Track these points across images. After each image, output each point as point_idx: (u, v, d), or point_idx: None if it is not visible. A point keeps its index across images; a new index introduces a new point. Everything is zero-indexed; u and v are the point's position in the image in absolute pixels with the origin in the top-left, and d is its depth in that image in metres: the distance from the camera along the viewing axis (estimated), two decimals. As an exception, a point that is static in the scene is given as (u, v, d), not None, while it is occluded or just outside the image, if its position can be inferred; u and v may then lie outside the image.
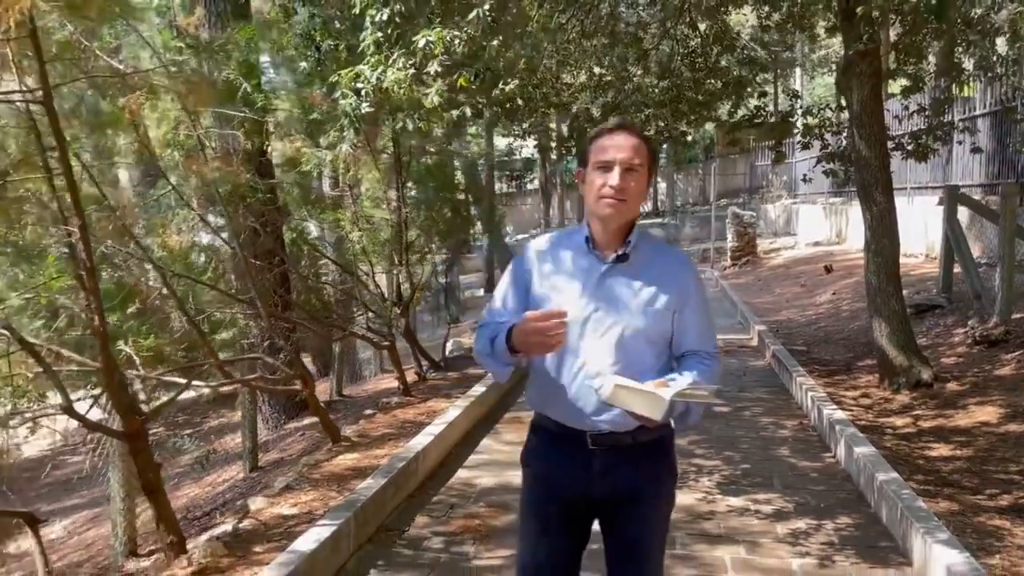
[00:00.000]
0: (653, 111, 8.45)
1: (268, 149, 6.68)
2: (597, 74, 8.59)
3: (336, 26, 5.46)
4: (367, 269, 7.36)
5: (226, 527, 3.99)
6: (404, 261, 7.31)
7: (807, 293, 12.53)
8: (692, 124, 9.37)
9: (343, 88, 4.75)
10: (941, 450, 5.07)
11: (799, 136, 8.88)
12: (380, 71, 4.53)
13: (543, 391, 2.11)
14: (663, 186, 30.89)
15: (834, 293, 11.62)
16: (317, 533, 3.55)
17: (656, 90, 8.67)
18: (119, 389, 3.56)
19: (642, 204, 2.12)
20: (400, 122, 4.42)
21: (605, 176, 1.96)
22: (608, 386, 1.86)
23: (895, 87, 9.63)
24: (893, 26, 8.48)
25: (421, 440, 5.06)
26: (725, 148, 27.82)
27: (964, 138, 10.33)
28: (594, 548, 2.21)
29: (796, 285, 13.45)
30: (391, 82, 4.43)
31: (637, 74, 8.58)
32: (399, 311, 7.34)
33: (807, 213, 19.01)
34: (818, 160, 8.71)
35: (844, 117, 8.79)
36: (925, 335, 7.86)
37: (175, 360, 5.26)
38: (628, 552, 2.11)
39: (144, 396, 4.56)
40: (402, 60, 4.44)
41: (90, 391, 5.00)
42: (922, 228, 11.61)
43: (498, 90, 4.20)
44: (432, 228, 8.07)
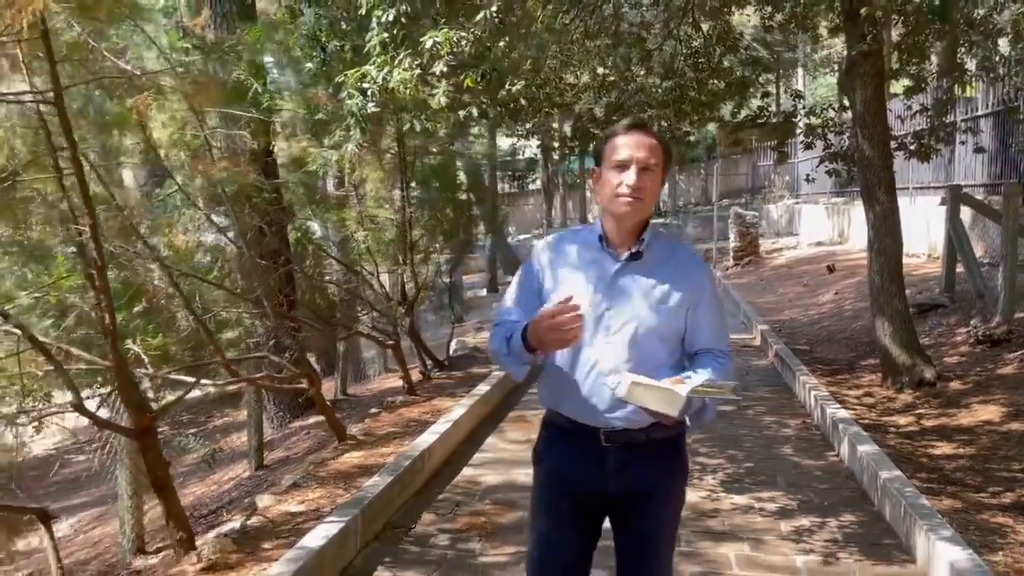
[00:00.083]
0: (656, 111, 8.47)
1: (274, 149, 6.72)
2: (600, 74, 8.61)
3: (342, 27, 5.48)
4: (371, 269, 7.39)
5: (234, 524, 4.02)
6: (409, 261, 7.34)
7: (809, 293, 12.54)
8: (695, 124, 9.39)
9: (349, 88, 4.78)
10: (944, 448, 5.09)
11: (802, 136, 8.90)
12: (386, 71, 4.56)
13: (556, 388, 2.10)
14: (665, 186, 30.86)
15: (836, 293, 11.62)
16: (325, 530, 3.57)
17: (659, 90, 8.69)
18: (129, 387, 3.59)
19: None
20: (408, 123, 4.45)
21: (621, 175, 1.97)
22: (624, 383, 1.86)
23: (897, 87, 9.64)
24: (896, 27, 8.50)
25: (427, 438, 5.09)
26: (728, 148, 27.82)
27: (967, 138, 10.35)
28: (600, 544, 2.21)
29: (799, 285, 13.46)
30: (397, 82, 4.46)
31: (640, 74, 8.60)
32: (404, 310, 7.38)
33: (809, 213, 19.01)
34: (821, 160, 8.73)
35: (846, 117, 8.83)
36: (928, 334, 7.88)
37: (181, 359, 5.30)
38: (641, 549, 2.12)
39: (152, 394, 4.59)
40: (408, 60, 4.47)
41: (97, 390, 5.04)
42: (924, 228, 11.62)
43: (504, 91, 4.23)
44: (436, 228, 8.10)
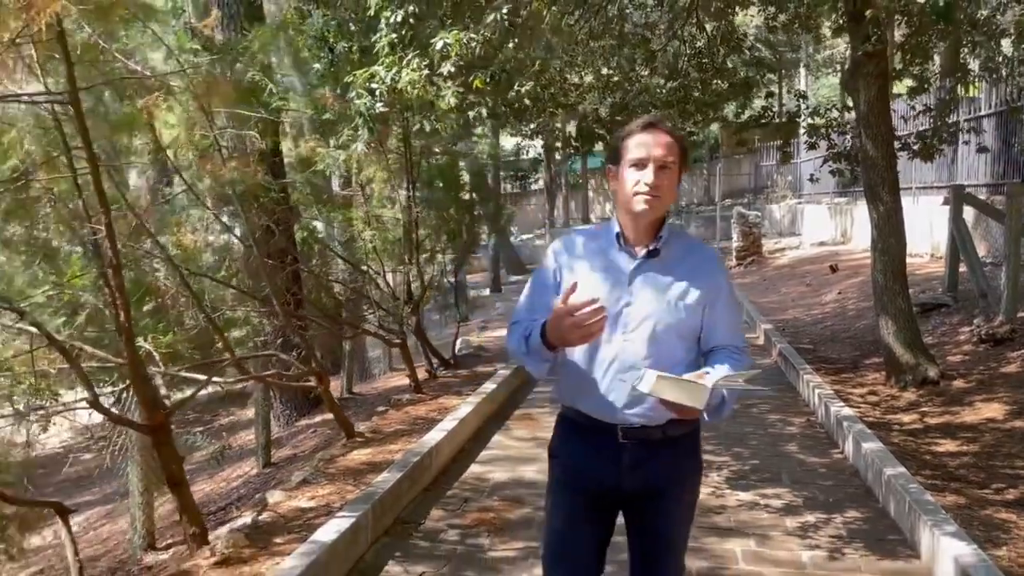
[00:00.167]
0: (660, 111, 8.52)
1: (281, 149, 6.76)
2: (605, 75, 8.66)
3: (350, 28, 5.53)
4: (377, 268, 7.44)
5: (245, 520, 4.06)
6: (415, 260, 7.39)
7: (813, 292, 12.56)
8: (699, 125, 9.44)
9: (358, 88, 4.84)
10: (948, 446, 5.12)
11: (806, 136, 8.95)
12: (395, 72, 4.62)
13: (573, 385, 2.10)
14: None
15: (840, 292, 11.65)
16: (337, 525, 3.62)
17: (663, 91, 8.75)
18: (143, 383, 3.64)
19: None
20: (418, 123, 4.50)
21: (639, 173, 1.98)
22: (650, 378, 1.86)
23: (900, 87, 9.69)
24: (899, 27, 8.54)
25: (434, 436, 5.13)
26: (731, 148, 27.86)
27: (970, 138, 10.38)
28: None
29: (802, 284, 13.49)
30: (406, 83, 4.51)
31: (644, 75, 8.65)
32: (410, 310, 7.42)
33: (812, 213, 19.04)
34: (825, 160, 8.78)
35: (849, 117, 8.88)
36: (931, 333, 7.91)
37: (191, 357, 5.34)
38: (656, 545, 2.14)
39: (164, 391, 4.64)
40: (416, 61, 4.53)
41: (110, 387, 5.09)
42: (927, 228, 11.65)
43: (514, 91, 4.28)
44: (441, 228, 8.14)
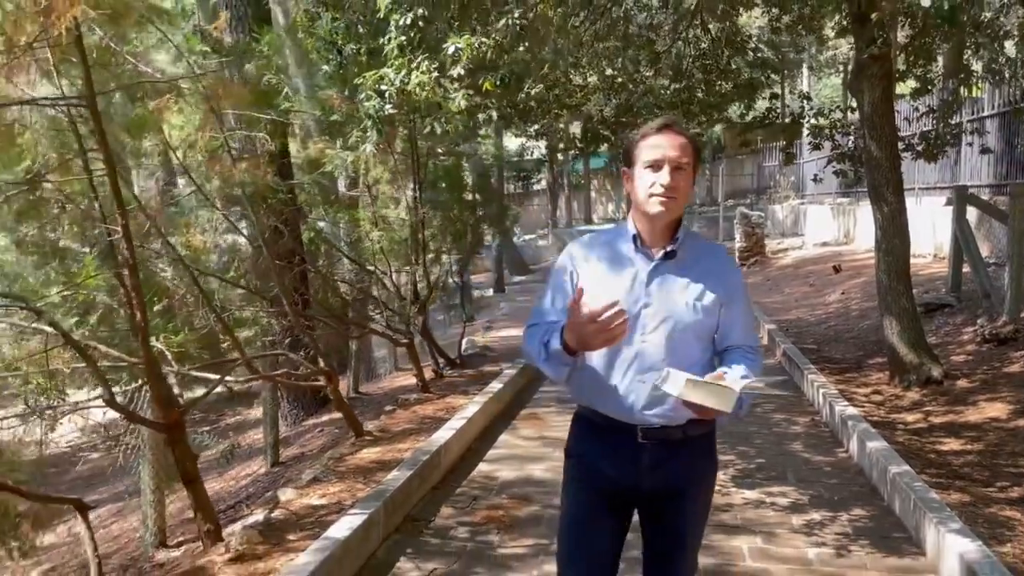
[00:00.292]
0: (665, 113, 8.57)
1: (289, 151, 6.82)
2: (609, 76, 8.70)
3: (358, 30, 5.58)
4: (384, 268, 7.49)
5: (258, 517, 4.12)
6: (422, 261, 7.44)
7: (816, 293, 12.60)
8: (703, 125, 9.48)
9: (367, 90, 4.88)
10: (952, 445, 5.16)
11: (810, 137, 8.99)
12: (404, 74, 4.67)
13: (591, 386, 2.10)
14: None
15: (843, 293, 11.68)
16: (349, 521, 3.67)
17: (668, 92, 8.79)
18: (158, 382, 3.69)
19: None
20: (428, 125, 4.54)
21: (655, 175, 1.99)
22: (678, 381, 1.86)
23: (904, 88, 9.73)
24: (902, 28, 8.58)
25: (443, 434, 5.18)
26: (735, 149, 27.88)
27: (973, 139, 10.40)
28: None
29: (805, 285, 13.52)
30: (415, 85, 4.56)
31: (649, 76, 8.70)
32: (416, 310, 7.48)
33: (815, 213, 19.06)
34: (829, 160, 8.82)
35: (853, 118, 8.91)
36: (935, 333, 7.95)
37: (200, 357, 5.40)
38: (673, 544, 2.17)
39: (176, 390, 4.69)
40: (426, 64, 4.57)
41: (120, 387, 5.15)
42: (930, 228, 11.68)
43: (523, 93, 4.32)
44: (447, 228, 8.20)
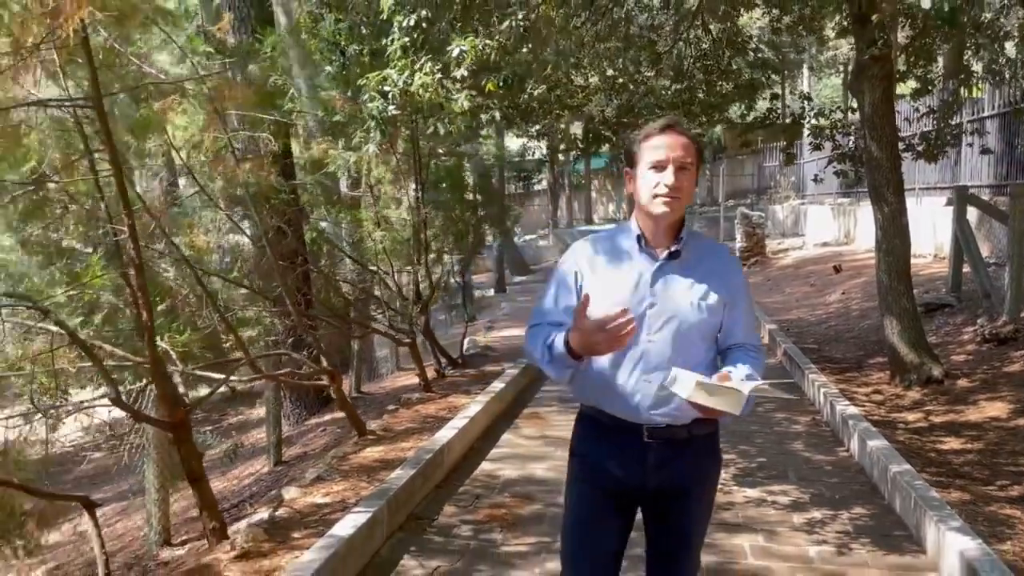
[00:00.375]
0: (666, 113, 8.59)
1: (292, 151, 6.85)
2: (610, 76, 8.73)
3: (361, 31, 5.60)
4: (387, 268, 7.52)
5: (262, 515, 4.14)
6: (424, 261, 7.46)
7: (817, 293, 12.62)
8: (704, 126, 9.51)
9: (371, 91, 4.91)
10: (952, 444, 5.19)
11: (809, 137, 9.02)
12: (407, 75, 4.70)
13: (596, 385, 2.11)
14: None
15: (843, 293, 11.71)
16: (353, 520, 3.70)
17: (669, 92, 8.82)
18: (164, 381, 3.72)
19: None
20: (431, 126, 4.57)
21: (659, 175, 2.00)
22: (688, 383, 1.86)
23: (904, 88, 9.76)
24: (903, 29, 8.61)
25: (445, 433, 5.21)
26: (735, 149, 27.91)
27: (973, 140, 10.43)
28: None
29: (805, 285, 13.54)
30: (418, 86, 4.59)
31: (650, 76, 8.72)
32: (419, 309, 7.50)
33: (815, 214, 19.09)
34: (830, 161, 8.85)
35: (853, 119, 8.95)
36: (935, 333, 7.97)
37: (203, 356, 5.43)
38: (677, 543, 2.19)
39: (181, 390, 4.72)
40: (429, 65, 4.60)
41: (126, 386, 5.18)
42: (931, 228, 11.70)
43: (526, 94, 4.35)
44: (449, 228, 8.22)
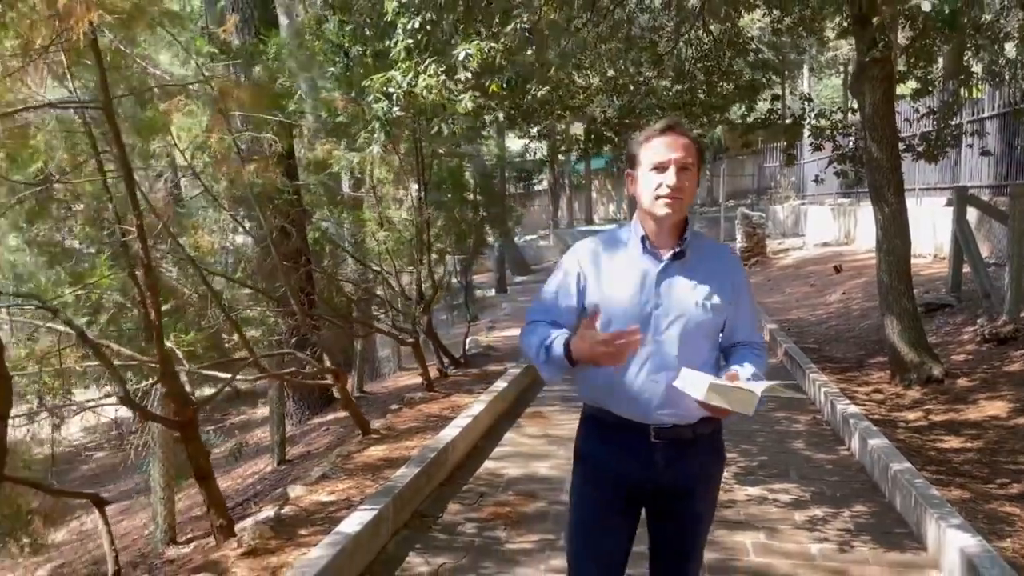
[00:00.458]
0: (667, 114, 8.63)
1: (295, 152, 6.88)
2: (612, 77, 8.77)
3: (365, 33, 5.64)
4: (389, 268, 7.56)
5: (268, 513, 4.18)
6: (426, 261, 7.50)
7: (817, 293, 12.65)
8: (705, 127, 9.55)
9: (375, 93, 4.95)
10: (952, 442, 5.22)
11: (810, 138, 9.06)
12: (411, 76, 4.73)
13: (603, 386, 2.12)
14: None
15: (844, 293, 11.74)
16: (359, 517, 3.73)
17: (670, 93, 8.86)
18: (173, 380, 3.75)
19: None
20: (435, 127, 4.61)
21: (661, 176, 2.01)
22: (700, 385, 1.88)
23: (904, 89, 9.79)
24: (903, 30, 8.65)
25: (449, 432, 5.24)
26: (736, 149, 27.95)
27: (973, 140, 10.46)
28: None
29: (806, 285, 13.57)
30: (423, 87, 4.63)
31: (651, 77, 8.76)
32: (421, 309, 7.54)
33: (815, 214, 19.12)
34: (830, 161, 8.89)
35: (853, 119, 8.99)
36: (935, 333, 8.00)
37: (208, 356, 5.47)
38: (681, 541, 2.21)
39: (188, 388, 4.75)
40: (433, 66, 4.64)
41: (132, 385, 5.22)
42: (931, 229, 11.73)
43: (530, 96, 4.39)
44: (451, 229, 8.26)
